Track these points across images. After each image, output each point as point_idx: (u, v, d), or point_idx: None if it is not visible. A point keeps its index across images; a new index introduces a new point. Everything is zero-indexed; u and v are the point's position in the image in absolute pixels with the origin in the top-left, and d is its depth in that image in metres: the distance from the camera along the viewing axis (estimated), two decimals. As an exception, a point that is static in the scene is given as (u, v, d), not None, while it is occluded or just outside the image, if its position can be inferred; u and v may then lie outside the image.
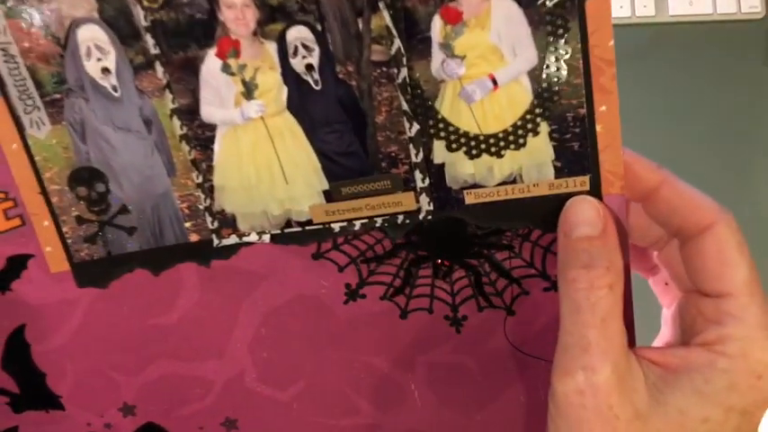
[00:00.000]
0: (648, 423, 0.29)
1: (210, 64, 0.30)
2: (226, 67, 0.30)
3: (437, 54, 0.29)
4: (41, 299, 0.35)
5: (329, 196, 0.32)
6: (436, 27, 0.28)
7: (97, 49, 0.31)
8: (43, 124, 0.32)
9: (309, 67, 0.30)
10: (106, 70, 0.31)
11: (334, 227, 0.32)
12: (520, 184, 0.30)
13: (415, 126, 0.30)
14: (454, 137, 0.30)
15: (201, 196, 0.33)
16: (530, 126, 0.29)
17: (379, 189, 0.31)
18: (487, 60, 0.29)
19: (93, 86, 0.32)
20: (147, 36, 0.30)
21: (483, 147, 0.30)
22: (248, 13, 0.29)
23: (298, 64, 0.30)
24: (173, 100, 0.31)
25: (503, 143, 0.30)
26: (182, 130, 0.32)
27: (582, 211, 0.30)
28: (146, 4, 0.30)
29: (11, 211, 0.33)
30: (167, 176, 0.33)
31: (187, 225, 0.33)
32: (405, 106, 0.30)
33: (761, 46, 0.69)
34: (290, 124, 0.31)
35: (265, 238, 0.33)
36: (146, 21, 0.30)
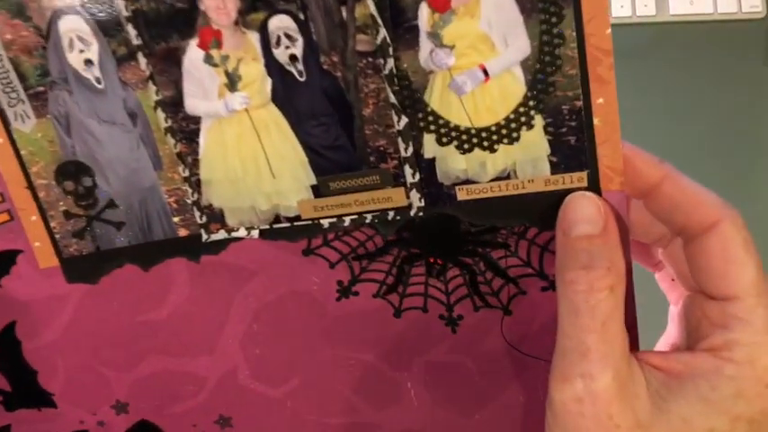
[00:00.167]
0: None
1: (193, 55, 0.29)
2: (208, 58, 0.29)
3: (425, 44, 0.27)
4: (31, 295, 0.35)
5: (317, 191, 0.31)
6: (424, 15, 0.27)
7: (79, 41, 0.30)
8: (28, 117, 0.32)
9: (293, 58, 0.28)
10: (89, 62, 0.30)
11: (324, 223, 0.31)
12: (514, 179, 0.29)
13: (404, 119, 0.29)
14: (445, 130, 0.29)
15: (189, 190, 0.32)
16: (523, 119, 0.28)
17: (368, 184, 0.30)
18: (478, 50, 0.27)
19: (77, 78, 0.31)
20: (129, 26, 0.29)
21: (475, 141, 0.29)
22: (229, 2, 0.28)
23: (281, 54, 0.29)
24: (156, 92, 0.30)
25: (495, 137, 0.28)
26: (166, 122, 0.31)
27: (582, 207, 0.28)
28: (125, -7, 0.29)
29: (-2, 206, 0.33)
30: (154, 170, 0.32)
31: (175, 220, 0.33)
32: (392, 98, 0.28)
33: (761, 46, 0.68)
34: (275, 117, 0.30)
35: (254, 233, 0.32)
36: (127, 11, 0.29)
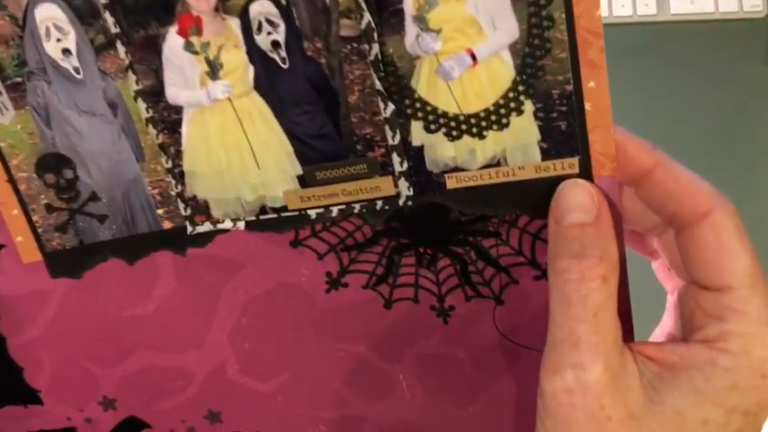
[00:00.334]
0: (642, 424, 0.27)
1: (172, 42, 0.28)
2: (188, 46, 0.28)
3: (411, 28, 0.27)
4: (15, 290, 0.34)
5: (303, 181, 0.30)
6: (409, -2, 0.26)
7: (56, 29, 0.29)
8: (6, 109, 0.31)
9: (275, 44, 0.28)
10: (67, 51, 0.30)
11: (311, 213, 0.31)
12: (504, 167, 0.28)
13: (391, 106, 0.28)
14: (432, 117, 0.28)
15: (172, 182, 0.31)
16: (513, 104, 0.27)
17: (355, 173, 0.29)
18: (465, 34, 0.26)
19: (55, 68, 0.30)
20: (107, 14, 0.29)
21: (464, 127, 0.28)
22: (208, -13, 0.27)
23: (263, 41, 0.28)
24: (136, 81, 0.29)
25: (484, 123, 0.28)
26: (147, 112, 0.30)
27: (575, 195, 0.28)
28: (101, -21, 0.28)
29: (-23, 201, 0.32)
30: (136, 162, 0.31)
31: (159, 212, 0.32)
32: (378, 85, 0.28)
33: (762, 45, 0.68)
34: (258, 105, 0.29)
35: (240, 225, 0.31)
36: (104, -3, 0.28)
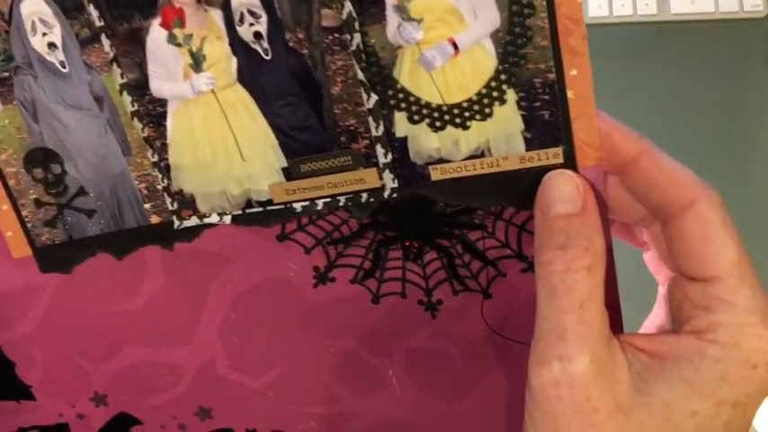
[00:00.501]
0: (630, 416, 0.26)
1: (156, 35, 0.28)
2: (171, 38, 0.28)
3: (392, 17, 0.26)
4: (5, 285, 0.34)
5: (288, 174, 0.30)
6: (389, -13, 0.26)
7: (42, 24, 0.29)
8: (-6, 104, 0.31)
9: (257, 35, 0.28)
10: (53, 45, 0.30)
11: (296, 206, 0.30)
12: (488, 157, 0.28)
13: (374, 97, 0.28)
14: (416, 108, 0.28)
15: (158, 176, 0.31)
16: (495, 94, 0.27)
17: (340, 166, 0.29)
18: (446, 23, 0.26)
19: (41, 63, 0.30)
20: (91, 7, 0.29)
21: (447, 118, 0.28)
22: (190, -22, 0.27)
23: (245, 32, 0.28)
24: (121, 75, 0.30)
25: (468, 113, 0.27)
26: (133, 106, 0.30)
27: (560, 186, 0.27)
28: (84, -28, 0.28)
29: (-33, 196, 0.32)
30: (123, 156, 0.31)
31: (146, 206, 0.32)
32: (360, 75, 0.27)
33: (762, 45, 0.67)
34: (242, 97, 0.29)
35: (226, 219, 0.31)
36: (88, -9, 0.28)
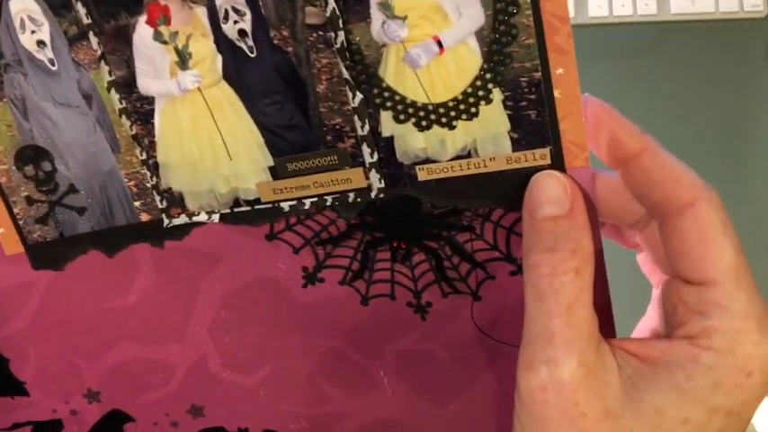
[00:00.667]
0: (620, 422, 0.26)
1: (142, 32, 0.28)
2: (157, 35, 0.28)
3: (376, 15, 0.26)
4: (-1, 281, 0.34)
5: (275, 173, 0.30)
6: (373, -15, 0.26)
7: (31, 21, 0.29)
8: (-15, 101, 0.31)
9: (242, 33, 0.27)
10: (41, 43, 0.30)
11: (284, 206, 0.30)
12: (475, 158, 0.27)
13: (359, 95, 0.27)
14: (401, 107, 0.27)
15: (147, 174, 0.31)
16: (481, 93, 0.26)
17: (326, 165, 0.29)
18: (431, 21, 0.26)
19: (30, 60, 0.30)
20: (78, 4, 0.29)
21: (433, 117, 0.27)
22: (174, -25, 0.27)
23: (230, 29, 0.27)
24: (109, 72, 0.29)
25: (454, 113, 0.27)
26: (121, 103, 0.30)
27: (547, 188, 0.27)
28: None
29: (-42, 192, 0.33)
30: (112, 153, 0.31)
31: (136, 204, 0.32)
32: (345, 74, 0.27)
33: (762, 45, 0.67)
34: (228, 95, 0.29)
35: (215, 217, 0.31)
36: (75, -12, 0.28)
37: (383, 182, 0.29)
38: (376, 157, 0.28)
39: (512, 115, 0.26)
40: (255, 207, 0.31)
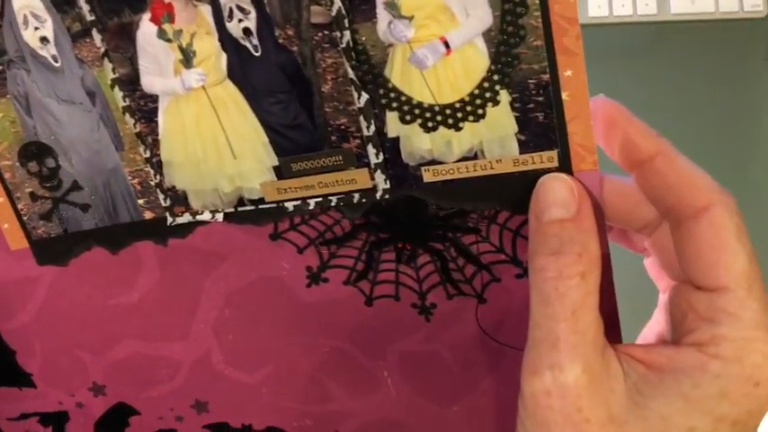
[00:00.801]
0: (624, 429, 0.26)
1: (146, 29, 0.28)
2: (161, 33, 0.28)
3: (383, 15, 0.26)
4: (4, 276, 0.34)
5: (279, 172, 0.29)
6: (379, -16, 0.25)
7: (34, 17, 0.29)
8: (-11, 97, 0.31)
9: (247, 32, 0.27)
10: (44, 39, 0.29)
11: (288, 206, 0.30)
12: (482, 159, 0.27)
13: (364, 96, 0.27)
14: (408, 108, 0.27)
15: (151, 172, 0.31)
16: (488, 95, 0.26)
17: (331, 165, 0.28)
18: (438, 21, 0.25)
19: (33, 57, 0.30)
20: (82, 1, 0.28)
21: (439, 118, 0.27)
22: (178, -27, 0.27)
23: (234, 28, 0.27)
24: (113, 69, 0.29)
25: (460, 114, 0.26)
26: (124, 101, 0.30)
27: (554, 191, 0.26)
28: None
29: (-36, 188, 0.32)
30: (116, 151, 0.31)
31: (140, 202, 0.32)
32: (351, 74, 0.27)
33: (762, 45, 0.66)
34: (232, 94, 0.28)
35: (219, 216, 0.31)
36: (79, -16, 0.28)
37: (388, 183, 0.28)
38: (381, 157, 0.28)
39: (519, 117, 0.26)
40: (259, 207, 0.30)
